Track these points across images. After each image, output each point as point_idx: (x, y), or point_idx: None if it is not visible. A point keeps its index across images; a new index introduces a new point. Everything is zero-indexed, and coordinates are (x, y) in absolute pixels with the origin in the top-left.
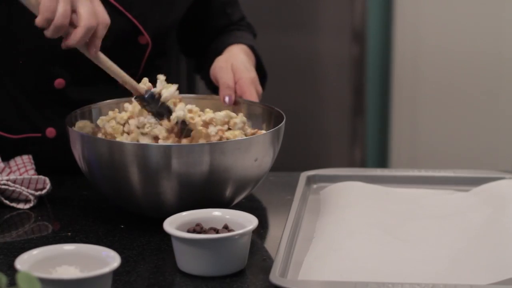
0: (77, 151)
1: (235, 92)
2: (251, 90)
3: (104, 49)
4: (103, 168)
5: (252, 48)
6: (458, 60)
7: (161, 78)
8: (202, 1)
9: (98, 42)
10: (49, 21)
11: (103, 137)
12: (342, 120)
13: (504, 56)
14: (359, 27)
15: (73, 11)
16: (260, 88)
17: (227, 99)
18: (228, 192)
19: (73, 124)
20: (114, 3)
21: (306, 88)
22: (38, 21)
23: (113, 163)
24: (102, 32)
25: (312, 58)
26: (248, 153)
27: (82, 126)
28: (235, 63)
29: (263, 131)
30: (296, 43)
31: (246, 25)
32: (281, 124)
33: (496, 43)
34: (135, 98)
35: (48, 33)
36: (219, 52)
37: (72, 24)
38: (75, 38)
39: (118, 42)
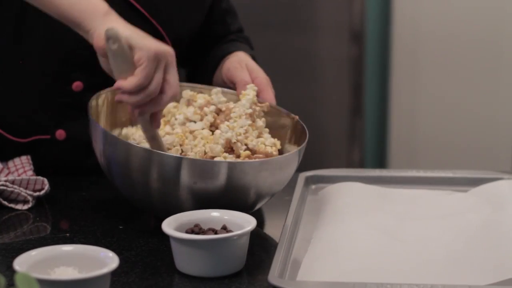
0: (98, 147)
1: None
2: (268, 90)
3: None
4: (122, 169)
5: (253, 58)
6: (457, 61)
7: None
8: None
9: (160, 116)
10: (142, 87)
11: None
12: (340, 120)
13: (504, 58)
14: (357, 27)
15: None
16: (273, 90)
17: None
18: (249, 200)
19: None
20: (142, 9)
21: (304, 89)
22: (131, 83)
23: (131, 167)
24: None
25: (310, 58)
26: (270, 172)
27: None
28: (249, 64)
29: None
30: (294, 43)
31: (244, 37)
32: (303, 144)
33: (495, 45)
34: None
35: (135, 98)
36: (221, 58)
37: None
38: (162, 103)
39: None
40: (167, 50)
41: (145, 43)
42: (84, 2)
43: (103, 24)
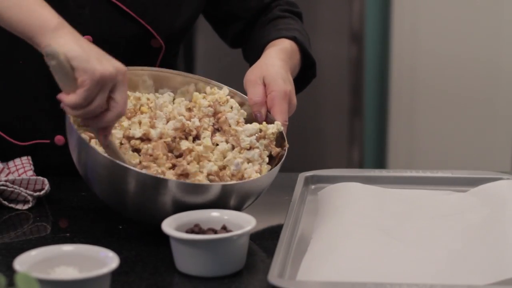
0: (75, 154)
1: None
2: (281, 105)
3: (117, 55)
4: (101, 182)
5: (294, 40)
6: (456, 61)
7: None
8: None
9: (111, 130)
10: (81, 107)
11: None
12: (340, 121)
13: (501, 58)
14: (357, 28)
15: (110, 96)
16: (294, 101)
17: (258, 116)
18: (229, 207)
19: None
20: (128, 10)
21: (305, 89)
22: (71, 101)
23: (110, 180)
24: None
25: None
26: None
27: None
28: (268, 75)
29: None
30: None
31: (286, 7)
32: (281, 161)
33: (493, 45)
34: None
35: (76, 113)
36: (260, 50)
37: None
38: (106, 120)
39: (130, 47)
40: (114, 72)
41: (89, 66)
42: (33, 17)
43: (53, 39)
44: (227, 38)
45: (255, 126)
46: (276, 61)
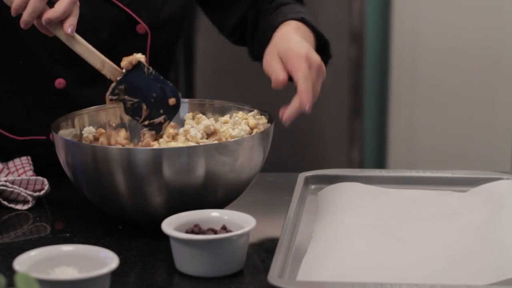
0: (62, 157)
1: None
2: (300, 65)
3: (102, 41)
4: (88, 174)
5: (302, 21)
6: (456, 61)
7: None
8: None
9: (75, 20)
10: (22, 7)
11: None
12: (340, 120)
13: (502, 58)
14: (357, 28)
15: None
16: (314, 57)
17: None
18: (218, 196)
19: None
20: None
21: None
22: (13, 6)
23: (97, 169)
24: (77, 11)
25: None
26: (236, 157)
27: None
28: (280, 48)
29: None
30: None
31: None
32: (269, 126)
33: (493, 45)
34: (113, 92)
35: (25, 16)
36: (268, 37)
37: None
38: (58, 10)
39: (115, 33)
40: None
41: None
42: None
43: None
44: (224, 30)
45: (211, 126)
46: (289, 34)
